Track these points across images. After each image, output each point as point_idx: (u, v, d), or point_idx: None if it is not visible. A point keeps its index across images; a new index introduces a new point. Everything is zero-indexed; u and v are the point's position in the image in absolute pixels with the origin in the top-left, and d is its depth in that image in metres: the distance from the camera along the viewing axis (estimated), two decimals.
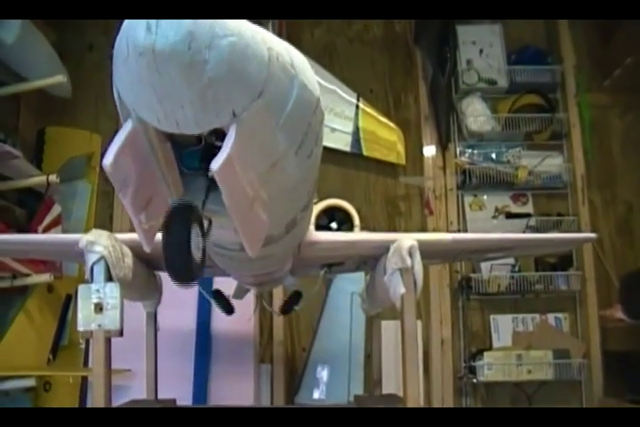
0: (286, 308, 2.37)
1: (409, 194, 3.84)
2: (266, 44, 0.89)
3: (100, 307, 1.62)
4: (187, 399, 2.90)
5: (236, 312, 2.55)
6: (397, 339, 2.03)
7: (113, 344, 1.70)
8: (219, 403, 2.94)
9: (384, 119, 3.79)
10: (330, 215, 3.44)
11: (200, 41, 0.80)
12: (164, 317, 2.46)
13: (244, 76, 0.86)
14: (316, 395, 3.38)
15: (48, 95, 3.38)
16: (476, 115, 3.74)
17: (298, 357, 3.57)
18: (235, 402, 2.81)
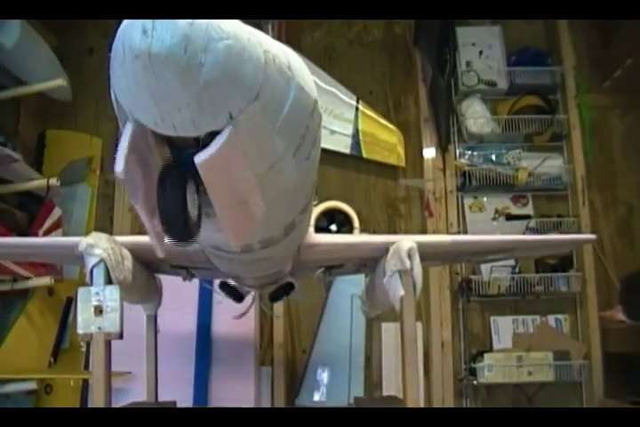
0: (275, 295, 2.31)
1: (409, 196, 3.83)
2: (262, 47, 0.89)
3: (100, 310, 1.61)
4: (187, 402, 2.89)
5: (236, 312, 2.55)
6: (398, 341, 2.03)
7: (113, 347, 1.69)
8: (219, 405, 2.94)
9: (384, 121, 3.78)
10: (330, 217, 3.46)
11: (196, 44, 0.80)
12: (165, 319, 2.47)
13: (241, 78, 0.87)
14: (317, 397, 3.37)
15: (48, 99, 3.39)
16: (476, 116, 3.74)
17: (298, 359, 3.56)
18: (235, 404, 2.80)
